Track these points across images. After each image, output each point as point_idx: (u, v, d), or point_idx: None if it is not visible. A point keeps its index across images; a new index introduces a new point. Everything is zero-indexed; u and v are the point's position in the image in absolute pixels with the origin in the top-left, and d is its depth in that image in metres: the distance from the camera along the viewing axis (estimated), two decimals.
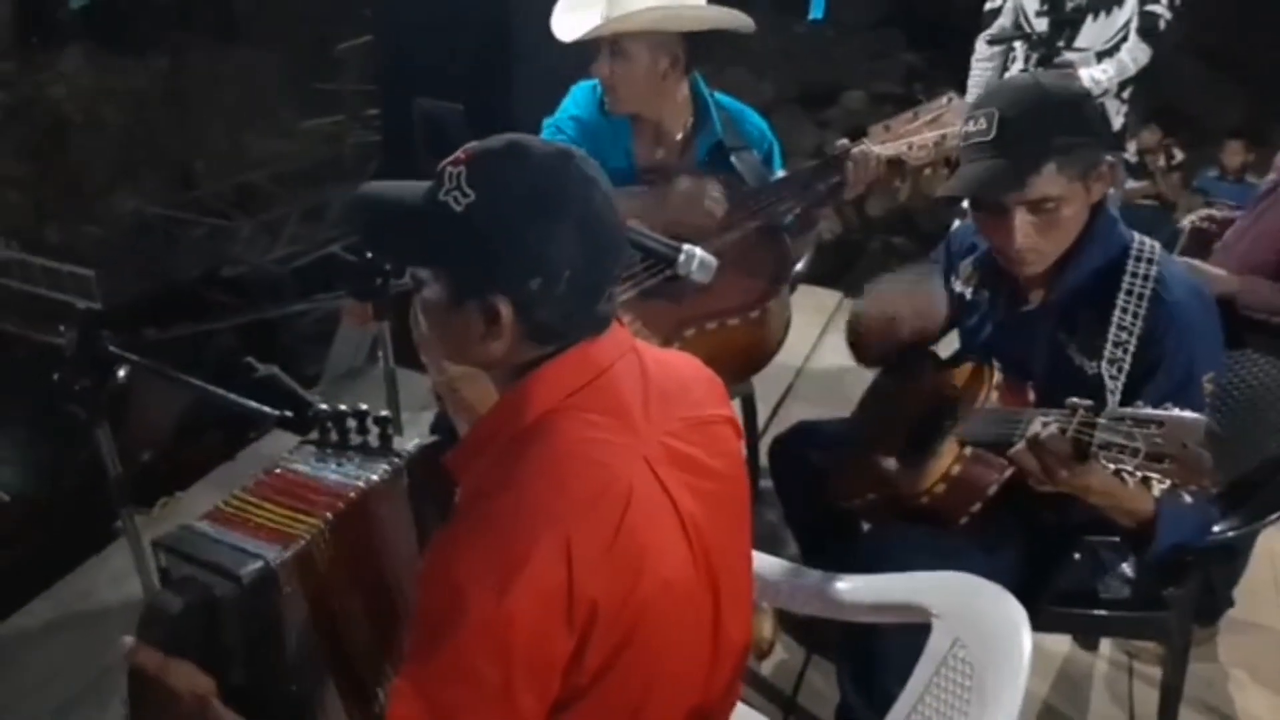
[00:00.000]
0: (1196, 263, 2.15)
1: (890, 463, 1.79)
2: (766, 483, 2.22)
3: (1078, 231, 1.62)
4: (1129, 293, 1.58)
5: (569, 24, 2.06)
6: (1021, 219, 1.57)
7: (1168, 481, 1.20)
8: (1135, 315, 1.57)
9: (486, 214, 1.03)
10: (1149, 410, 1.23)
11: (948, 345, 1.97)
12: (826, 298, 4.07)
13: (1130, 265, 1.60)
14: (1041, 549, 1.71)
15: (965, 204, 1.97)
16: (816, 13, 5.28)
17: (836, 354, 2.16)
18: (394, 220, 1.14)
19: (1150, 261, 1.60)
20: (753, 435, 2.69)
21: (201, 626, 1.12)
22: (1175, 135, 6.00)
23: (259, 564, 1.15)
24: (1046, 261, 1.64)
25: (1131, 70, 3.22)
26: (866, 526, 2.03)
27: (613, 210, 1.09)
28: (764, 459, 2.24)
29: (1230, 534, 1.67)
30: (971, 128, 1.61)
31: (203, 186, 7.65)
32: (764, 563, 1.59)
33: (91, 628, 2.38)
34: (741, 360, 2.08)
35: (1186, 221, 2.51)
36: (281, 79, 8.17)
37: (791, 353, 3.48)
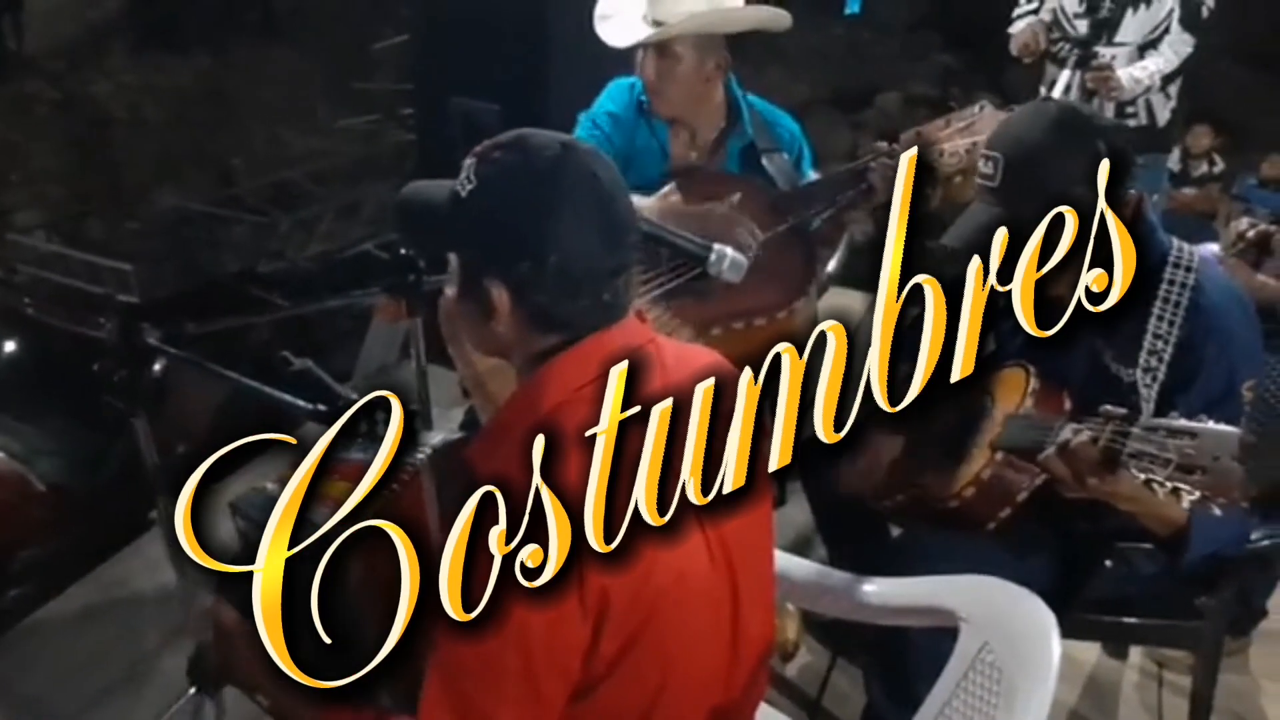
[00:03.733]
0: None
1: (921, 466, 1.79)
2: (796, 484, 2.21)
3: None
4: (1165, 300, 1.57)
5: (614, 29, 2.06)
6: None
7: (1197, 493, 1.19)
8: (1172, 324, 1.56)
9: (482, 200, 1.09)
10: (1182, 422, 1.22)
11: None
12: (859, 301, 4.05)
13: (1168, 273, 1.58)
14: (1072, 555, 1.70)
15: None
16: (853, 7, 5.24)
17: None
18: (419, 209, 1.22)
19: (1189, 269, 1.58)
20: None
21: None
22: (1221, 138, 5.88)
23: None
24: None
25: (1175, 63, 3.17)
26: (895, 531, 2.03)
27: (617, 203, 1.11)
28: None
29: (1265, 543, 1.64)
30: (983, 168, 1.61)
31: (241, 184, 7.75)
32: (791, 564, 1.59)
33: (127, 615, 2.42)
34: None
35: (1245, 225, 2.47)
36: (319, 78, 8.26)
37: None
